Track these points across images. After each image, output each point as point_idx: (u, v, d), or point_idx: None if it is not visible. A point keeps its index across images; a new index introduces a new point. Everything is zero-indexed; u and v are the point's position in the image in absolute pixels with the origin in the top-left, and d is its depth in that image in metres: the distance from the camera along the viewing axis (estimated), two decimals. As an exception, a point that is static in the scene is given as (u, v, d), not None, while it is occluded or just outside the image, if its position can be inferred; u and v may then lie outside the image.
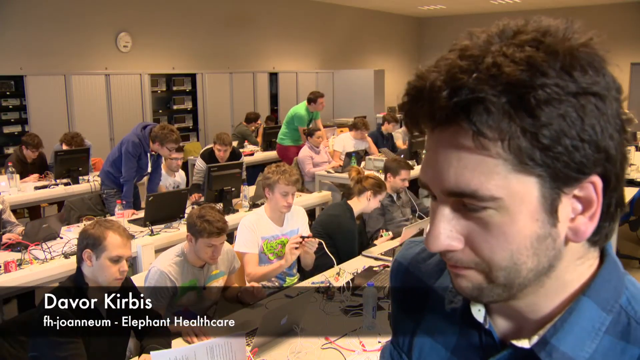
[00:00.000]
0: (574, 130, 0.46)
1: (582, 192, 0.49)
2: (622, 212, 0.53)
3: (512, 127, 0.46)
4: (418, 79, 0.50)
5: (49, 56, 7.10)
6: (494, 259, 0.50)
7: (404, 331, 0.72)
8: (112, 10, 7.75)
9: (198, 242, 2.47)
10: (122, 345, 2.21)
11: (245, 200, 4.31)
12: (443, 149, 0.49)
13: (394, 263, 0.77)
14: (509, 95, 0.45)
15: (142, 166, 4.37)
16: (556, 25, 0.50)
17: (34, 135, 5.39)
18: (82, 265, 2.03)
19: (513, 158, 0.47)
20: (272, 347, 2.23)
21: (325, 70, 11.36)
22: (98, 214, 4.29)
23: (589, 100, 0.47)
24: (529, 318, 0.56)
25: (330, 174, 5.76)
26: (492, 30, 0.50)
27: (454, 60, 0.48)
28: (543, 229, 0.49)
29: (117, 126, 7.73)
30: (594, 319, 0.52)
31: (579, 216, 0.50)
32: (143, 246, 3.31)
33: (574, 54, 0.47)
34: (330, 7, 11.37)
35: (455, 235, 0.51)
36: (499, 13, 12.84)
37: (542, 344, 0.53)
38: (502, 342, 0.58)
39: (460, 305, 0.62)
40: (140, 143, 4.25)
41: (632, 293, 0.55)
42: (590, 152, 0.47)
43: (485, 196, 0.48)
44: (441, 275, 0.68)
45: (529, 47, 0.47)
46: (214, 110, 9.16)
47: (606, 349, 0.52)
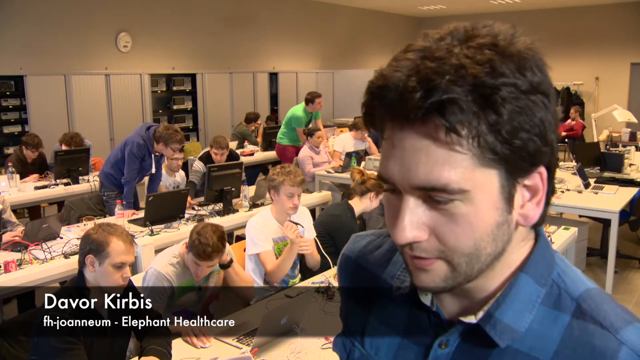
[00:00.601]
0: (528, 125, 0.51)
1: (531, 182, 0.55)
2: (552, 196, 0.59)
3: (480, 123, 0.50)
4: (382, 78, 0.53)
5: (49, 56, 7.10)
6: (459, 247, 0.54)
7: (356, 321, 0.75)
8: (112, 10, 7.75)
9: (189, 254, 2.44)
10: (122, 345, 2.21)
11: (245, 200, 4.30)
12: (412, 146, 0.52)
13: (341, 257, 0.81)
14: (475, 94, 0.49)
15: (145, 167, 4.35)
16: (505, 29, 0.53)
17: (33, 136, 5.39)
18: (84, 269, 2.01)
19: (479, 152, 0.51)
20: (272, 347, 2.23)
21: (325, 70, 11.36)
22: (98, 214, 4.28)
23: (538, 97, 0.52)
24: (475, 297, 0.61)
25: (330, 174, 5.76)
26: (445, 32, 0.53)
27: (423, 62, 0.51)
28: (502, 217, 0.54)
29: (117, 126, 7.73)
30: (531, 292, 0.59)
31: (528, 203, 0.56)
32: (143, 246, 3.31)
33: (524, 56, 0.52)
34: (330, 7, 11.37)
35: (421, 227, 0.54)
36: (499, 13, 12.84)
37: (487, 318, 0.59)
38: (451, 321, 0.63)
39: (408, 291, 0.67)
40: (145, 144, 4.23)
41: (562, 268, 0.61)
42: (541, 145, 0.52)
43: (455, 189, 0.51)
44: (388, 265, 0.73)
45: (487, 50, 0.50)
46: (214, 110, 9.16)
47: (542, 318, 0.58)
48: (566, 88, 11.97)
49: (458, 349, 0.62)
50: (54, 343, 1.88)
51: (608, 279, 4.36)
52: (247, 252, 2.95)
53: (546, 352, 0.57)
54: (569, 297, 0.59)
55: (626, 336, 0.55)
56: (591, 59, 11.93)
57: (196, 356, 2.18)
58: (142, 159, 4.28)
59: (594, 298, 0.59)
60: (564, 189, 4.84)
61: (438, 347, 0.63)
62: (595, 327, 0.56)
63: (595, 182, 5.12)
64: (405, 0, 11.34)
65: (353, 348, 0.75)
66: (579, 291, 0.59)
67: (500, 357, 0.59)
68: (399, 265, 0.72)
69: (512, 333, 0.58)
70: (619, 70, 11.68)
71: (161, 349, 2.10)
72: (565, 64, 12.21)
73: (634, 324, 0.57)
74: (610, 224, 4.25)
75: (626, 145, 7.44)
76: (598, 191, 4.82)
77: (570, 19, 12.06)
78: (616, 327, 0.56)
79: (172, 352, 2.15)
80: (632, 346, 0.55)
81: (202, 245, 2.34)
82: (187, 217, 3.94)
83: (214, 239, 2.37)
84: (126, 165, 4.25)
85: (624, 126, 8.82)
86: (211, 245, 2.34)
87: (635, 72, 11.56)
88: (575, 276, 0.61)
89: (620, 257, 4.94)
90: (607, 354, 0.55)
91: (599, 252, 5.08)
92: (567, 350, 0.56)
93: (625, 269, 4.95)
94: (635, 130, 8.58)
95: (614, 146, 7.34)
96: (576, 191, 4.81)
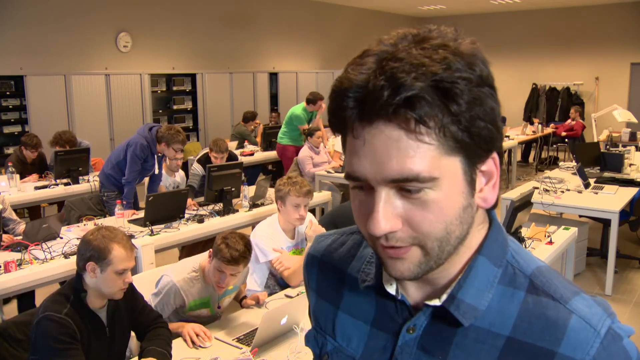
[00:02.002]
0: (483, 114, 0.56)
1: (486, 167, 0.61)
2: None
3: (444, 115, 0.54)
4: (347, 81, 0.56)
5: (49, 56, 7.10)
6: (432, 232, 0.58)
7: (326, 316, 0.79)
8: (112, 10, 7.75)
9: (213, 262, 2.41)
10: (121, 346, 2.21)
11: (245, 200, 4.30)
12: (383, 142, 0.55)
13: (307, 257, 0.85)
14: (437, 89, 0.53)
15: (147, 168, 4.35)
16: (451, 31, 0.58)
17: (32, 136, 5.38)
18: (83, 274, 2.00)
19: (444, 142, 0.55)
20: (272, 347, 2.23)
21: (325, 70, 11.36)
22: (98, 214, 4.28)
23: (487, 89, 0.57)
24: (438, 283, 0.65)
25: (330, 174, 5.76)
26: (398, 36, 0.58)
27: (387, 63, 0.54)
28: (467, 200, 0.59)
29: (117, 126, 7.73)
30: (488, 273, 0.64)
31: (485, 187, 0.61)
32: (143, 246, 3.31)
33: (471, 53, 0.56)
34: (330, 7, 11.38)
35: (395, 217, 0.57)
36: (499, 13, 12.83)
37: (450, 300, 0.63)
38: (416, 307, 0.68)
39: (374, 283, 0.71)
40: (148, 145, 4.24)
41: (514, 249, 0.67)
42: (494, 131, 0.58)
43: (426, 177, 0.55)
44: (353, 260, 0.77)
45: (440, 50, 0.55)
46: (214, 110, 9.16)
47: (500, 296, 0.63)
48: (566, 88, 11.97)
49: (425, 332, 0.66)
50: (53, 343, 1.88)
51: (608, 279, 4.36)
52: (253, 260, 2.94)
53: (505, 327, 0.62)
54: (523, 274, 0.64)
55: (574, 305, 0.61)
56: (591, 59, 11.93)
57: (196, 356, 2.18)
58: (145, 160, 4.28)
59: (544, 274, 0.65)
60: (564, 189, 4.84)
61: (406, 332, 0.67)
62: (548, 300, 0.62)
63: (595, 182, 5.12)
64: (405, 0, 11.34)
65: (325, 342, 0.78)
66: (531, 269, 0.65)
67: (464, 335, 0.64)
68: (363, 259, 0.76)
69: (474, 312, 0.63)
70: (619, 70, 11.68)
71: (161, 350, 2.10)
72: (565, 64, 12.22)
73: (580, 294, 0.63)
74: (610, 224, 4.25)
75: (626, 145, 7.45)
76: (598, 191, 4.82)
77: (571, 19, 12.05)
78: (565, 298, 0.62)
79: (172, 353, 2.15)
80: (580, 314, 0.60)
81: (229, 250, 2.32)
82: (187, 217, 3.94)
83: (241, 244, 2.37)
84: (128, 166, 4.25)
85: (624, 126, 8.82)
86: (239, 250, 2.34)
87: (635, 72, 11.56)
88: (527, 256, 0.67)
89: (620, 257, 4.94)
90: (560, 322, 0.60)
91: (599, 252, 5.07)
92: (524, 324, 0.61)
93: (625, 269, 4.95)
94: (635, 130, 8.58)
95: (614, 146, 7.34)
96: (576, 191, 4.81)
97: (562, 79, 12.10)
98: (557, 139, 9.75)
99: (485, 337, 0.62)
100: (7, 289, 2.85)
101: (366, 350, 0.71)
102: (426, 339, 0.66)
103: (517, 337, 0.61)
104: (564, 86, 11.99)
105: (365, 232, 0.61)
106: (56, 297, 1.98)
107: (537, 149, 9.62)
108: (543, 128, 9.65)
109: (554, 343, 0.60)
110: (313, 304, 0.83)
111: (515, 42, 12.46)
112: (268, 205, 4.36)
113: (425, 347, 0.65)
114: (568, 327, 0.60)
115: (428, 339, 0.65)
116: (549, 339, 0.60)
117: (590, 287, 4.48)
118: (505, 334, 0.62)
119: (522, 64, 12.62)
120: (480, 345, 0.62)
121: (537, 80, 12.29)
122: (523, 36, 12.51)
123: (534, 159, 9.84)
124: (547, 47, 12.36)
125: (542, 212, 4.58)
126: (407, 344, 0.67)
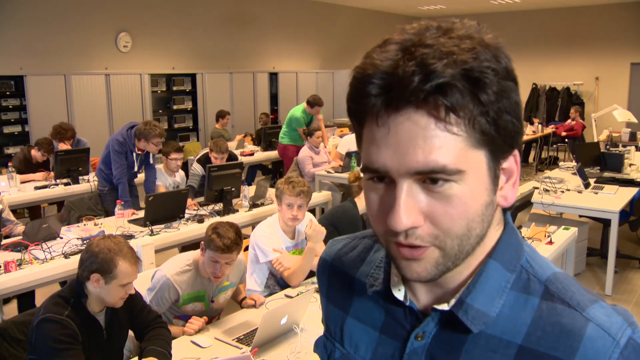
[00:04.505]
0: (509, 107, 0.54)
1: (507, 164, 0.58)
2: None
3: (474, 105, 0.52)
4: (372, 67, 0.53)
5: (49, 56, 7.10)
6: (453, 229, 0.55)
7: (335, 321, 0.77)
8: (112, 10, 7.74)
9: (206, 253, 2.42)
10: (120, 346, 2.21)
11: (245, 200, 4.30)
12: (409, 130, 0.52)
13: (319, 261, 0.83)
14: (468, 78, 0.51)
15: (129, 164, 4.40)
16: (474, 24, 0.56)
17: (49, 140, 5.39)
18: (86, 282, 2.00)
19: (472, 134, 0.53)
20: (272, 347, 2.22)
21: (325, 70, 11.36)
22: (98, 214, 4.29)
23: (511, 83, 0.55)
24: (448, 286, 0.63)
25: (330, 174, 5.76)
26: (421, 26, 0.55)
27: (416, 49, 0.52)
28: (490, 197, 0.57)
29: (117, 126, 7.69)
30: (500, 278, 0.61)
31: (505, 185, 0.59)
32: (143, 246, 3.30)
33: (497, 45, 0.55)
34: (330, 7, 11.37)
35: (418, 212, 0.54)
36: (499, 13, 12.83)
37: (459, 305, 0.61)
38: (425, 313, 0.65)
39: (382, 288, 0.68)
40: (125, 142, 4.30)
41: (530, 255, 0.64)
42: (518, 126, 0.56)
43: (452, 170, 0.53)
44: (362, 264, 0.75)
45: (467, 40, 0.53)
46: (214, 110, 9.12)
47: (512, 303, 0.61)
48: (566, 88, 11.97)
49: (434, 339, 0.63)
50: (53, 344, 1.88)
51: (608, 279, 4.36)
52: (253, 260, 2.93)
53: (518, 335, 0.59)
54: (537, 280, 0.61)
55: (592, 313, 0.58)
56: (591, 59, 11.93)
57: (196, 356, 2.17)
58: (125, 157, 4.33)
59: (560, 280, 0.61)
60: (564, 189, 4.84)
61: (414, 339, 0.64)
62: (563, 307, 0.59)
63: (595, 182, 5.12)
64: (405, 0, 11.34)
65: (333, 349, 0.76)
66: (546, 275, 0.62)
67: (474, 343, 0.61)
68: (372, 264, 0.74)
69: (483, 318, 0.60)
70: (619, 70, 11.68)
71: (161, 350, 2.10)
72: (565, 64, 12.22)
73: (599, 302, 0.59)
74: (610, 224, 4.25)
75: (626, 145, 7.45)
76: (598, 191, 4.82)
77: (571, 19, 12.05)
78: (583, 306, 0.58)
79: (171, 352, 2.15)
80: (598, 322, 0.57)
81: (221, 239, 2.34)
82: (187, 217, 3.94)
83: (232, 232, 2.38)
84: (112, 163, 4.33)
85: (624, 126, 8.82)
86: (230, 238, 2.35)
87: (635, 72, 11.55)
88: (543, 262, 0.64)
89: (620, 257, 4.94)
90: (575, 330, 0.57)
91: (599, 252, 5.07)
92: (538, 331, 0.58)
93: (625, 269, 4.94)
94: (635, 130, 8.57)
95: (614, 146, 7.34)
96: (576, 191, 4.80)
97: (562, 79, 12.10)
98: (557, 139, 9.75)
99: (497, 345, 0.60)
100: (7, 289, 2.85)
101: (374, 357, 0.69)
102: (435, 347, 0.63)
103: (530, 345, 0.58)
104: (564, 86, 11.99)
105: (382, 228, 0.57)
106: (57, 299, 1.99)
107: (537, 149, 9.62)
108: (543, 128, 9.66)
109: (569, 352, 0.56)
110: (324, 309, 0.81)
111: (515, 42, 12.44)
112: (268, 205, 4.36)
113: (434, 355, 0.63)
114: (584, 336, 0.56)
115: (437, 346, 0.63)
116: (564, 348, 0.57)
117: (590, 287, 4.47)
118: (517, 342, 0.59)
119: (522, 64, 12.59)
120: (491, 354, 0.60)
121: (537, 80, 12.28)
122: (523, 36, 12.50)
123: (534, 159, 9.84)
124: (547, 47, 12.35)
125: (542, 212, 4.57)
126: (415, 351, 0.64)
